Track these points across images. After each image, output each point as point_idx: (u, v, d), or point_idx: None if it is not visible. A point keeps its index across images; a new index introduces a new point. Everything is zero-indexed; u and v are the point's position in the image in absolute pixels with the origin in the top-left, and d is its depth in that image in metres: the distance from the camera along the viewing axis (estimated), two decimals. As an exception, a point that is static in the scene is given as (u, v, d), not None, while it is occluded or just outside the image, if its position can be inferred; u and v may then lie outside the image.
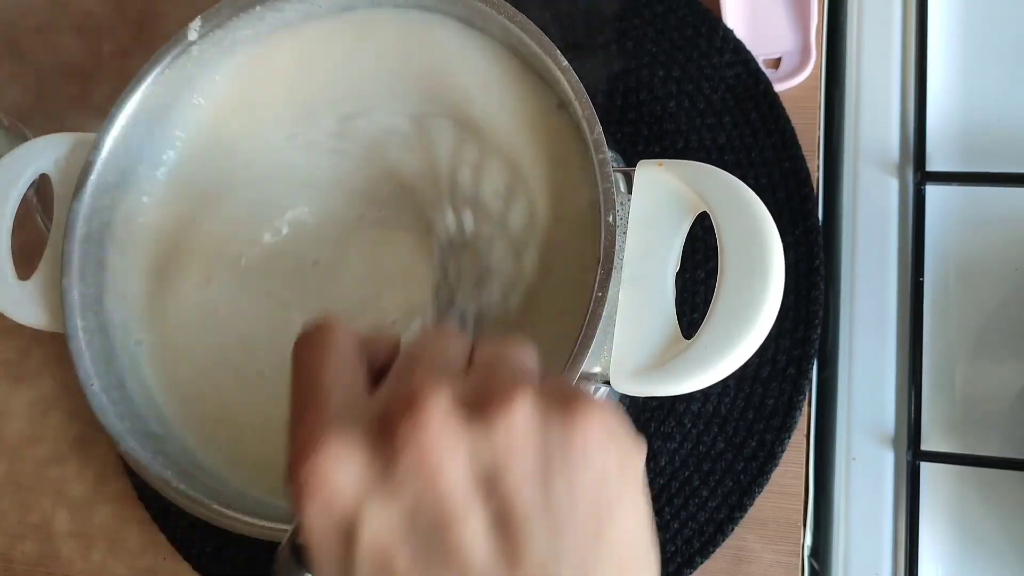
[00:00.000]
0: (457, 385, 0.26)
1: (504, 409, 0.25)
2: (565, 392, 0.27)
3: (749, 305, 0.37)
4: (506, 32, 0.42)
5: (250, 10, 0.45)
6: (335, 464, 0.25)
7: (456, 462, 0.25)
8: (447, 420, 0.25)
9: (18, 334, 0.59)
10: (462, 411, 0.26)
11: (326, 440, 0.25)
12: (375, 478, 0.25)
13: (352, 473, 0.25)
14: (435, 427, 0.25)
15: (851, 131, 0.52)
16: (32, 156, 0.48)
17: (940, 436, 0.48)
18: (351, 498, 0.25)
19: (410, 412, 0.25)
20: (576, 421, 0.26)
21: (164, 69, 0.45)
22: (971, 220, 0.50)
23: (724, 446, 0.48)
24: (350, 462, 0.25)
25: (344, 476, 0.25)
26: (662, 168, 0.40)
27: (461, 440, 0.25)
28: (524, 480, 0.25)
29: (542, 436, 0.26)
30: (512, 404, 0.26)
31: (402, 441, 0.25)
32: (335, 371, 0.28)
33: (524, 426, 0.26)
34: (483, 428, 0.25)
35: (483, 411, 0.26)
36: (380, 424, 0.26)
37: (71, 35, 0.63)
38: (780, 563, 0.47)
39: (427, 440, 0.25)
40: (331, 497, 0.25)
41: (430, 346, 0.29)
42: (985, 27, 0.52)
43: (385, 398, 0.27)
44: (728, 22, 0.52)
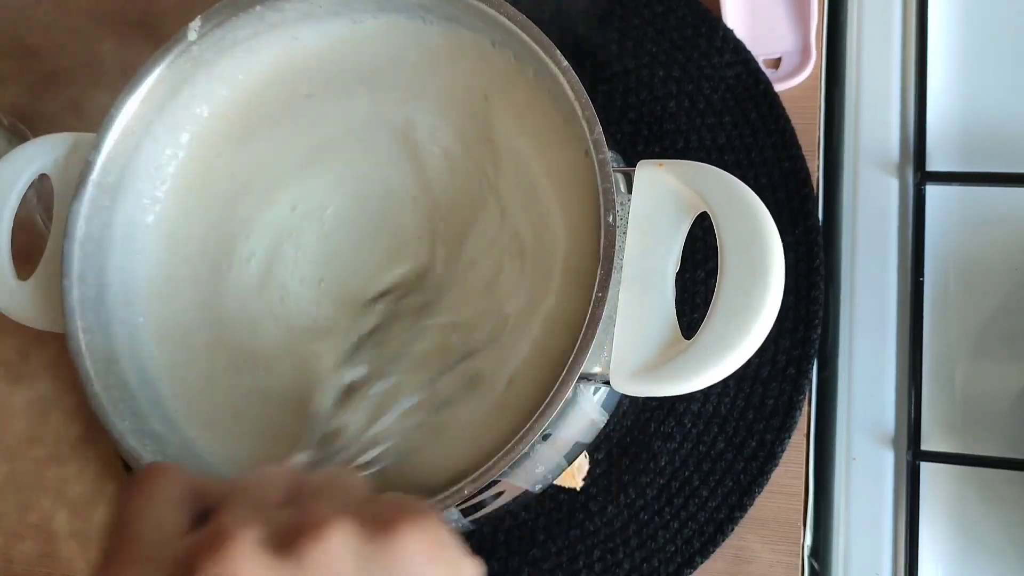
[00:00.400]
0: (271, 522, 0.26)
1: (315, 538, 0.25)
2: (388, 512, 0.26)
3: (749, 305, 0.37)
4: (505, 31, 0.42)
5: (250, 10, 0.45)
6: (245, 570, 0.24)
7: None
8: (253, 557, 0.25)
9: (18, 334, 0.59)
10: (270, 547, 0.25)
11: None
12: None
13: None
14: (240, 562, 0.24)
15: (851, 131, 0.52)
16: (32, 156, 0.48)
17: (940, 436, 0.48)
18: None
19: (212, 550, 0.25)
20: (396, 540, 0.26)
21: (164, 69, 0.45)
22: (971, 220, 0.50)
23: (724, 446, 0.48)
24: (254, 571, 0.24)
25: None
26: (662, 168, 0.40)
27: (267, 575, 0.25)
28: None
29: (358, 562, 0.25)
30: (323, 531, 0.25)
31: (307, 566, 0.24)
32: (152, 513, 0.28)
33: (338, 553, 0.25)
34: (295, 561, 0.25)
35: (295, 543, 0.25)
36: (184, 563, 0.25)
37: (71, 35, 0.63)
38: (780, 563, 0.47)
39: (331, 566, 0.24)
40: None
41: (252, 485, 0.28)
42: (985, 27, 0.52)
43: (193, 538, 0.26)
44: (728, 22, 0.52)
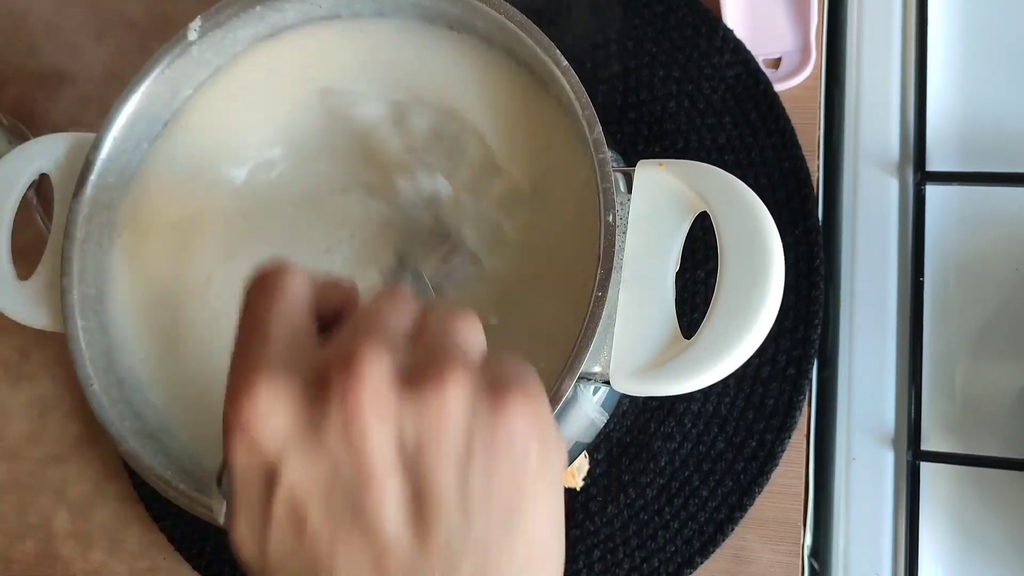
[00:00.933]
0: (399, 353, 0.27)
1: (437, 387, 0.26)
2: (501, 377, 0.27)
3: (749, 305, 0.37)
4: (505, 32, 0.42)
5: (250, 10, 0.45)
6: (265, 407, 0.26)
7: (382, 430, 0.25)
8: (380, 387, 0.25)
9: (18, 334, 0.59)
10: (397, 381, 0.26)
11: (260, 383, 0.26)
12: (302, 429, 0.25)
13: (281, 419, 0.26)
14: (367, 392, 0.25)
15: (851, 131, 0.52)
16: (32, 156, 0.48)
17: (940, 436, 0.48)
18: (276, 443, 0.25)
19: (346, 372, 0.25)
20: (504, 410, 0.26)
21: (164, 69, 0.45)
22: (971, 220, 0.50)
23: (724, 446, 0.48)
24: (280, 408, 0.26)
25: (272, 421, 0.25)
26: (662, 168, 0.40)
27: (390, 410, 0.25)
28: (445, 461, 0.26)
29: (469, 420, 0.26)
30: (445, 384, 0.26)
31: (334, 399, 0.25)
32: (282, 316, 0.28)
33: (453, 407, 0.26)
34: (414, 402, 0.26)
35: (417, 385, 0.26)
36: (317, 378, 0.26)
37: (71, 35, 0.63)
38: (780, 563, 0.47)
39: (357, 403, 0.25)
40: (257, 439, 0.25)
41: (383, 308, 0.29)
42: (985, 27, 0.52)
43: (326, 353, 0.27)
44: (728, 22, 0.52)
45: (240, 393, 0.26)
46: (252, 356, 0.27)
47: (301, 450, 0.25)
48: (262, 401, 0.26)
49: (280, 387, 0.26)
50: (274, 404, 0.26)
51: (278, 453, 0.25)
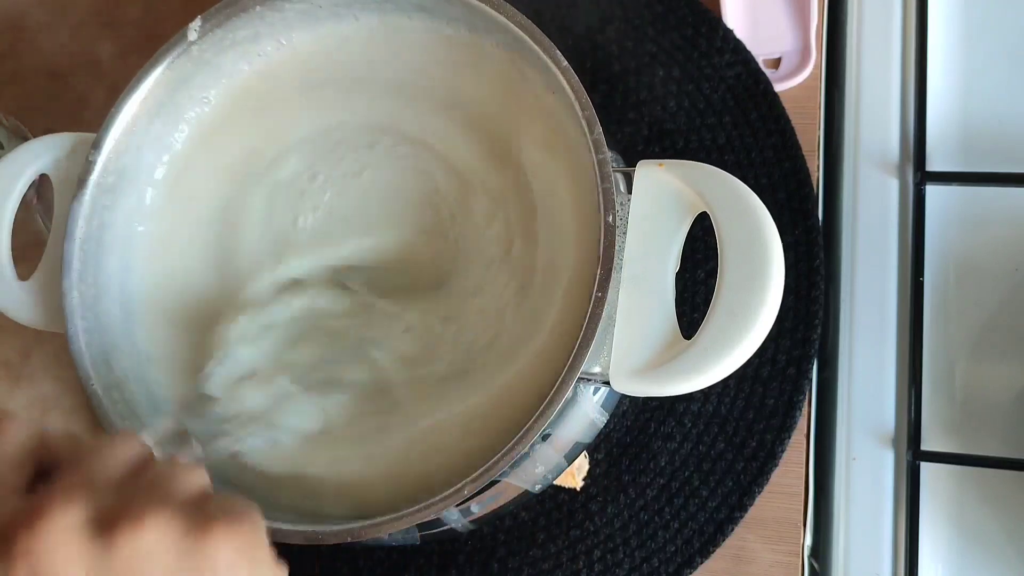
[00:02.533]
0: (99, 499, 0.26)
1: (132, 528, 0.25)
2: (210, 513, 0.27)
3: (749, 305, 0.37)
4: (505, 32, 0.42)
5: (250, 10, 0.45)
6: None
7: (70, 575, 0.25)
8: (69, 535, 0.25)
9: (18, 334, 0.59)
10: (89, 527, 0.25)
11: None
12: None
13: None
14: (53, 540, 0.25)
15: (851, 131, 0.52)
16: (32, 156, 0.48)
17: (940, 436, 0.48)
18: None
19: (29, 524, 0.25)
20: (207, 542, 0.26)
21: (164, 69, 0.45)
22: (971, 220, 0.50)
23: (724, 446, 0.48)
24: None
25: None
26: (662, 168, 0.40)
27: (78, 556, 0.25)
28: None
29: (171, 557, 0.26)
30: (142, 523, 0.26)
31: (19, 550, 0.25)
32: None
33: (150, 548, 0.25)
34: (107, 547, 0.25)
35: (111, 529, 0.25)
36: (2, 533, 0.25)
37: (71, 35, 0.63)
38: (780, 563, 0.47)
39: (42, 553, 0.25)
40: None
41: (97, 454, 0.29)
42: (985, 27, 0.52)
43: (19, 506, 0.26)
44: (728, 22, 0.52)
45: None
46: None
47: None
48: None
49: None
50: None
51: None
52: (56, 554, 0.25)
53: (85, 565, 0.25)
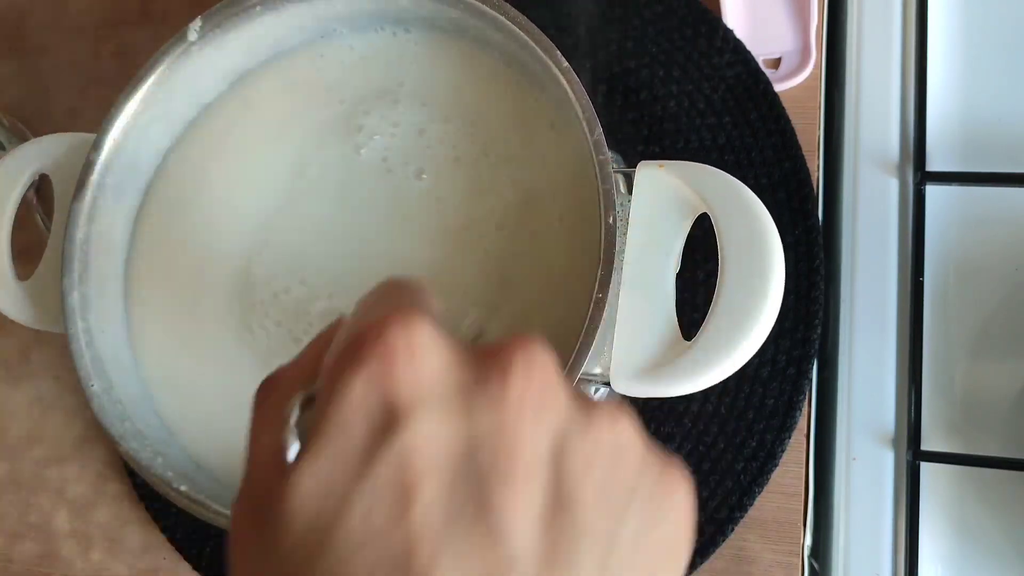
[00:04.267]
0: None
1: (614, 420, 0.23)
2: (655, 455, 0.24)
3: (749, 305, 0.37)
4: (506, 33, 0.42)
5: (250, 10, 0.45)
6: (423, 346, 0.21)
7: (543, 426, 0.21)
8: (554, 382, 0.22)
9: (18, 334, 0.59)
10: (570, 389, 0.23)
11: (423, 321, 0.21)
12: (451, 389, 0.21)
13: (433, 367, 0.21)
14: (542, 380, 0.22)
15: (851, 131, 0.52)
16: (32, 156, 0.48)
17: (940, 436, 0.48)
18: (414, 391, 0.21)
19: (524, 351, 0.22)
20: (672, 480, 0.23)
21: (164, 69, 0.45)
22: (971, 220, 0.50)
23: (724, 446, 0.48)
24: (437, 355, 0.21)
25: (423, 363, 0.21)
26: (662, 169, 0.40)
27: (559, 410, 0.22)
28: (603, 489, 0.22)
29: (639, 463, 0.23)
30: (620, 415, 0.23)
31: (505, 372, 0.21)
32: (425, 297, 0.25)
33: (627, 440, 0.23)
34: (585, 420, 0.22)
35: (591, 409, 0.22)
36: (482, 349, 0.22)
37: (71, 35, 0.63)
38: (780, 563, 0.47)
39: (529, 385, 0.21)
40: (395, 376, 0.21)
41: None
42: (985, 27, 0.52)
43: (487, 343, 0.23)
44: (728, 22, 0.52)
45: (395, 317, 0.21)
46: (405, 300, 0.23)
47: (441, 411, 0.21)
48: (421, 338, 0.21)
49: (442, 335, 0.22)
50: (433, 348, 0.21)
51: (412, 402, 0.20)
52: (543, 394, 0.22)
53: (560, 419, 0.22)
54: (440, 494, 0.20)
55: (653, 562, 0.22)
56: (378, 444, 0.20)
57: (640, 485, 0.22)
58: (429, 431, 0.20)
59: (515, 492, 0.20)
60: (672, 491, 0.23)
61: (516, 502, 0.20)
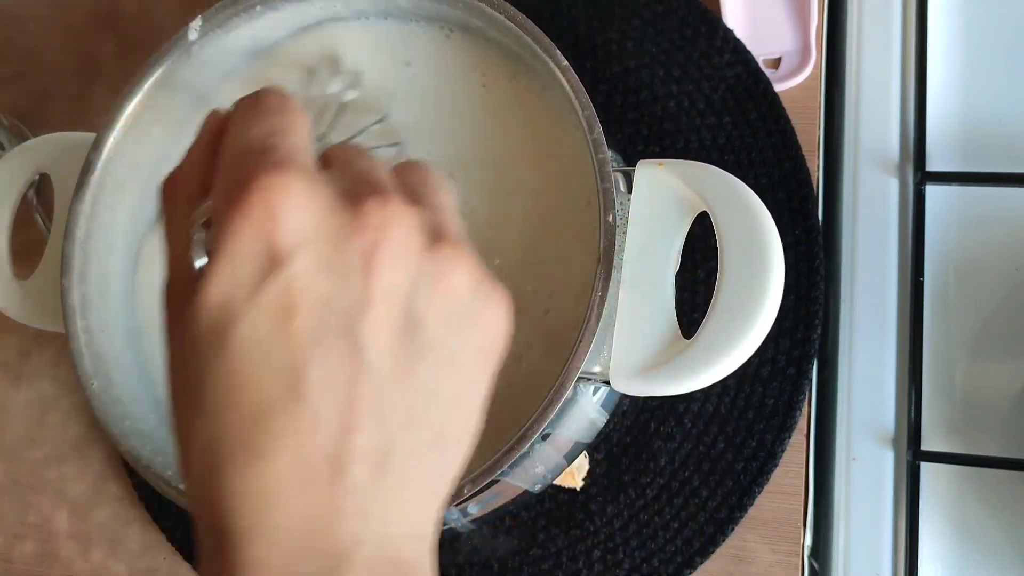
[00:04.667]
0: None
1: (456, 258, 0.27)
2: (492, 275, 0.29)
3: (749, 305, 0.37)
4: (506, 32, 0.42)
5: (250, 10, 0.45)
6: (298, 200, 0.25)
7: (402, 268, 0.26)
8: (413, 231, 0.26)
9: (18, 334, 0.59)
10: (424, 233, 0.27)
11: (298, 177, 0.25)
12: (325, 236, 0.25)
13: (308, 217, 0.25)
14: (403, 230, 0.26)
15: (851, 131, 0.52)
16: (32, 156, 0.48)
17: (940, 436, 0.48)
18: (293, 238, 0.25)
19: (384, 202, 0.26)
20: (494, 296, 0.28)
21: (164, 69, 0.45)
22: (971, 220, 0.50)
23: (724, 446, 0.48)
24: (312, 207, 0.25)
25: (300, 214, 0.25)
26: (662, 168, 0.40)
27: (415, 256, 0.26)
28: (444, 319, 0.27)
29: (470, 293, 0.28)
30: (461, 262, 0.27)
31: (370, 222, 0.26)
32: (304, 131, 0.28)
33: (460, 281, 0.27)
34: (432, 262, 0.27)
35: (437, 249, 0.27)
36: (352, 197, 0.26)
37: (71, 35, 0.63)
38: (780, 563, 0.47)
39: (390, 234, 0.26)
40: (277, 226, 0.25)
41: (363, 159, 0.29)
42: (985, 27, 0.52)
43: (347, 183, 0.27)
44: (728, 22, 0.52)
45: (273, 169, 0.25)
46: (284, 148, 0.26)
47: (316, 254, 0.25)
48: (298, 189, 0.25)
49: (317, 187, 0.25)
50: (308, 200, 0.25)
51: (291, 247, 0.25)
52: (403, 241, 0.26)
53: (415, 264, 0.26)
54: (313, 315, 0.25)
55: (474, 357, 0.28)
56: (265, 275, 0.25)
57: (471, 305, 0.28)
58: (304, 269, 0.25)
59: (373, 317, 0.25)
60: (495, 306, 0.28)
61: (374, 324, 0.25)
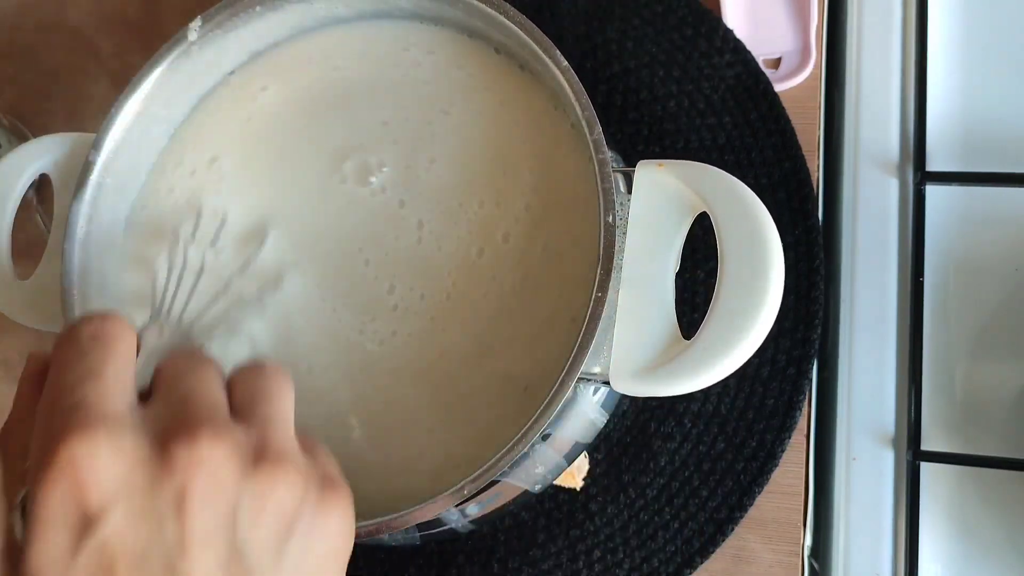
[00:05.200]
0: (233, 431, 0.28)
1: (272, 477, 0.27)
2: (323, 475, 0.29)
3: (749, 305, 0.37)
4: (506, 32, 0.42)
5: (250, 10, 0.45)
6: (105, 457, 0.25)
7: (216, 505, 0.26)
8: (224, 465, 0.26)
9: (18, 334, 0.59)
10: (238, 461, 0.27)
11: (103, 430, 0.26)
12: (134, 487, 0.26)
13: (115, 472, 0.25)
14: (209, 467, 0.26)
15: (851, 131, 0.52)
16: (32, 156, 0.48)
17: (940, 436, 0.48)
18: (103, 495, 0.25)
19: (191, 443, 0.26)
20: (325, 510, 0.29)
21: (164, 69, 0.45)
22: (971, 220, 0.50)
23: (724, 446, 0.48)
24: (119, 461, 0.26)
25: (107, 472, 0.25)
26: (662, 168, 0.40)
27: (228, 488, 0.26)
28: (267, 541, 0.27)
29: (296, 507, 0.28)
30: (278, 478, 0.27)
31: (177, 467, 0.26)
32: (121, 368, 0.28)
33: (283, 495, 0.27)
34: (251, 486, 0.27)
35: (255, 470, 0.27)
36: (158, 442, 0.26)
37: (71, 35, 0.63)
38: (780, 563, 0.47)
39: (198, 476, 0.26)
40: (84, 485, 0.25)
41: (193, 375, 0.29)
42: (985, 27, 0.52)
43: (164, 416, 0.27)
44: (728, 22, 0.52)
45: (78, 431, 0.25)
46: (93, 400, 0.27)
47: (128, 507, 0.25)
48: (102, 449, 0.25)
49: (123, 440, 0.26)
50: (113, 456, 0.26)
51: (102, 504, 0.25)
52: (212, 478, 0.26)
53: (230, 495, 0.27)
54: (133, 567, 0.25)
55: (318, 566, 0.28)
56: (80, 539, 0.25)
57: (301, 516, 0.28)
58: (117, 526, 0.25)
59: (193, 557, 0.26)
60: (328, 511, 0.29)
61: (194, 564, 0.26)
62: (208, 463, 0.26)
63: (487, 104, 0.46)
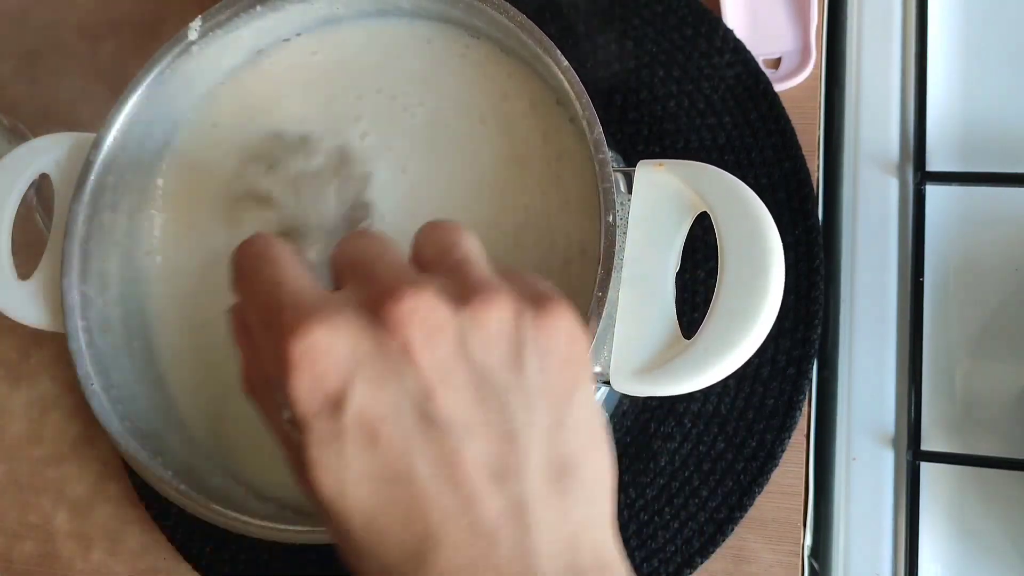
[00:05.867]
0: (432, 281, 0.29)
1: (486, 303, 0.28)
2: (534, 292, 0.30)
3: (749, 305, 0.37)
4: (506, 31, 0.42)
5: (250, 10, 0.45)
6: (326, 342, 0.27)
7: (441, 342, 0.27)
8: (434, 306, 0.28)
9: (18, 334, 0.59)
10: (447, 300, 0.28)
11: (313, 320, 0.27)
12: (363, 356, 0.27)
13: (342, 350, 0.27)
14: (423, 312, 0.27)
15: (851, 131, 0.52)
16: (32, 156, 0.48)
17: (940, 436, 0.48)
18: (340, 374, 0.27)
19: (398, 299, 0.27)
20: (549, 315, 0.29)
21: (164, 69, 0.45)
22: (971, 220, 0.50)
23: (724, 446, 0.48)
24: (340, 340, 0.27)
25: (334, 353, 0.27)
26: (662, 168, 0.40)
27: (447, 324, 0.28)
28: (502, 359, 0.28)
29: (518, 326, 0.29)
30: (492, 300, 0.28)
31: (393, 323, 0.27)
32: (294, 268, 0.30)
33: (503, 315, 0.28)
34: (468, 317, 0.28)
35: (467, 304, 0.28)
36: (369, 308, 0.28)
37: (72, 35, 0.63)
38: (780, 563, 0.47)
39: (415, 322, 0.27)
40: (320, 373, 0.27)
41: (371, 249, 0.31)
42: (985, 27, 0.52)
43: (361, 291, 0.29)
44: (728, 22, 0.52)
45: (292, 332, 0.27)
46: (289, 301, 0.28)
47: (365, 375, 0.27)
48: (321, 336, 0.27)
49: (336, 321, 0.27)
50: (334, 337, 0.27)
51: (343, 382, 0.27)
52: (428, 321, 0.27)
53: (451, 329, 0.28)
54: (394, 425, 0.27)
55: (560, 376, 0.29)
56: (340, 420, 0.27)
57: (524, 330, 0.29)
58: (364, 394, 0.27)
59: (441, 395, 0.27)
60: (549, 321, 0.29)
61: (445, 400, 0.27)
62: (420, 311, 0.27)
63: (488, 101, 0.46)
